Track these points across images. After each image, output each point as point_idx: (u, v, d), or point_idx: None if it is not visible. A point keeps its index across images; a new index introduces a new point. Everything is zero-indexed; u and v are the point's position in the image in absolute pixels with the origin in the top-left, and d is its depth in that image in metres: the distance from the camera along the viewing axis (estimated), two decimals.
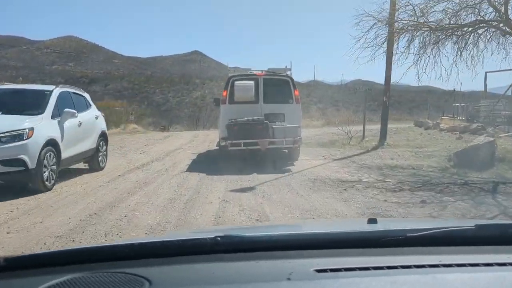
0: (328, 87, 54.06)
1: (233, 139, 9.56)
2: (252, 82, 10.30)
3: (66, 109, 7.84)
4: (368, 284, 1.00)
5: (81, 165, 9.19)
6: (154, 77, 67.81)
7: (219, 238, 1.18)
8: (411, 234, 1.27)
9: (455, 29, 10.06)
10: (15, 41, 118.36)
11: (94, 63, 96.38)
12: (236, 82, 10.31)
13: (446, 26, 10.10)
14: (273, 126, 9.77)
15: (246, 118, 9.73)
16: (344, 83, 61.44)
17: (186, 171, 9.28)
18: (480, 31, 10.16)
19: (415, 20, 10.39)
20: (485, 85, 22.15)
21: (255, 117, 9.89)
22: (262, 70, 11.02)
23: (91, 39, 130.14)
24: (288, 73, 11.06)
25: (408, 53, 10.88)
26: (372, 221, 1.60)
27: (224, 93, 10.56)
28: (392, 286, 0.99)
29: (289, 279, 1.02)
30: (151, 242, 1.31)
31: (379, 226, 1.57)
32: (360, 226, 1.78)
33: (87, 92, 10.33)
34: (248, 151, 9.93)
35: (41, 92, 8.07)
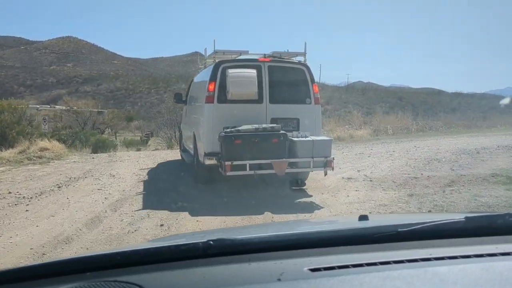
0: (336, 89, 50.85)
1: (234, 158, 6.34)
2: (254, 71, 7.02)
3: None
4: (362, 280, 1.01)
5: None
6: (150, 77, 64.86)
7: (211, 242, 1.17)
8: (403, 229, 1.28)
9: None
10: (14, 41, 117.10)
11: (93, 63, 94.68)
12: (231, 71, 6.95)
13: None
14: (294, 139, 6.66)
15: (253, 126, 6.54)
16: (345, 84, 58.38)
17: None
18: None
19: None
20: None
21: (266, 125, 6.69)
22: (265, 54, 7.63)
23: (91, 40, 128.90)
24: (301, 59, 7.79)
25: None
26: (363, 217, 1.61)
27: (211, 86, 7.12)
28: (385, 282, 1.00)
29: (279, 279, 1.02)
30: (143, 249, 1.29)
31: (371, 223, 1.59)
32: (351, 223, 1.76)
33: (78, 92, 7.16)
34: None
35: None
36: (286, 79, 7.43)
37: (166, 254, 1.21)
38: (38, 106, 37.64)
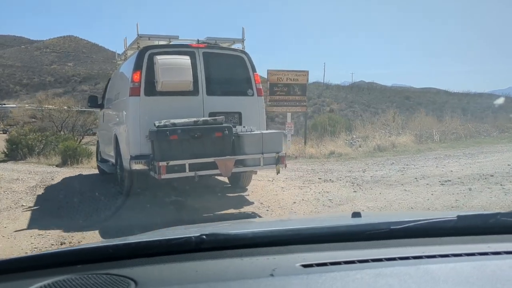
0: (340, 88, 49.44)
1: (170, 158, 5.42)
2: (187, 58, 6.17)
3: None
4: (354, 277, 1.01)
5: None
6: None
7: (204, 237, 1.16)
8: (395, 227, 1.28)
9: None
10: (14, 40, 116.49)
11: (94, 63, 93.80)
12: (160, 57, 6.04)
13: None
14: (240, 133, 5.92)
15: (191, 119, 5.74)
16: (348, 83, 56.91)
17: None
18: None
19: None
20: None
21: (207, 118, 5.97)
22: (198, 40, 6.82)
23: (92, 40, 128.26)
24: (239, 46, 7.03)
25: None
26: (356, 215, 1.61)
27: (136, 76, 6.13)
28: (377, 279, 1.00)
29: (272, 275, 1.02)
30: (135, 242, 1.25)
31: (364, 220, 1.59)
32: (344, 220, 1.75)
33: (75, 91, 5.97)
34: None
35: None
36: (224, 68, 6.65)
37: (158, 247, 1.19)
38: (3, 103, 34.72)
